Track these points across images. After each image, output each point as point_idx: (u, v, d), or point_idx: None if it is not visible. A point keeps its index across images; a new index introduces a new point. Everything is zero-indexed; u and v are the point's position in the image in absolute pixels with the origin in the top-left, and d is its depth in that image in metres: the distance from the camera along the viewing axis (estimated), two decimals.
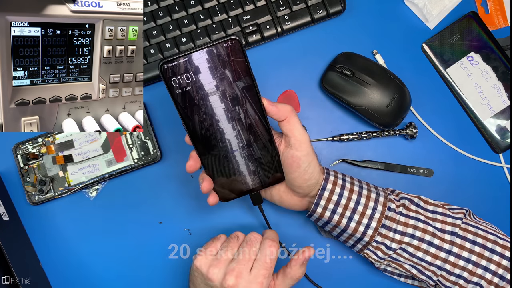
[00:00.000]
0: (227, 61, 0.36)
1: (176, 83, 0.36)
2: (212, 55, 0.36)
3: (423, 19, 0.54)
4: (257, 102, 0.38)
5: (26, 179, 0.51)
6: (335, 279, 0.50)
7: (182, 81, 0.36)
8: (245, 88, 0.38)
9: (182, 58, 0.36)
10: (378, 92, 0.49)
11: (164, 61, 0.36)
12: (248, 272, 0.37)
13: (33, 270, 0.49)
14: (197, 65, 0.36)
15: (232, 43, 0.36)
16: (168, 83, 0.36)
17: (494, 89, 0.52)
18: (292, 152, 0.40)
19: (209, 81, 0.37)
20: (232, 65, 0.36)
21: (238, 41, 0.36)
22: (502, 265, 0.41)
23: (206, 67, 0.36)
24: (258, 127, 0.39)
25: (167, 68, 0.36)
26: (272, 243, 0.38)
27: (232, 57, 0.36)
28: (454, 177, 0.52)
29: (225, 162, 0.40)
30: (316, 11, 0.52)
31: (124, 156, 0.51)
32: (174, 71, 0.36)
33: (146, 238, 0.51)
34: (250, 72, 0.37)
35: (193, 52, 0.36)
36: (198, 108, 0.38)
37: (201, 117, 0.38)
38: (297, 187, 0.42)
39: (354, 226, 0.42)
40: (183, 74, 0.36)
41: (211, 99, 0.37)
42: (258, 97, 0.38)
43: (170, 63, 0.36)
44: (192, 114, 0.38)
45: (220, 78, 0.37)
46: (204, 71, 0.36)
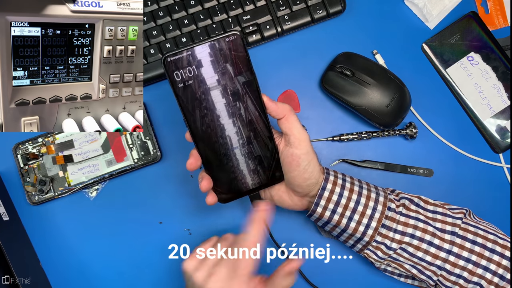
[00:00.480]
0: (228, 55, 0.37)
1: (178, 76, 0.37)
2: (214, 49, 0.37)
3: (423, 19, 0.54)
4: (257, 97, 0.39)
5: (26, 179, 0.51)
6: (335, 279, 0.50)
7: (184, 75, 0.37)
8: (245, 83, 0.38)
9: (185, 52, 0.37)
10: (378, 92, 0.49)
11: (168, 55, 0.36)
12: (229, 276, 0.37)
13: (33, 270, 0.49)
14: (200, 59, 0.37)
15: (234, 37, 0.37)
16: (171, 76, 0.37)
17: (494, 89, 0.52)
18: (292, 151, 0.40)
19: (210, 75, 0.37)
20: (233, 60, 0.37)
21: (240, 36, 0.37)
22: (502, 265, 0.41)
23: (208, 61, 0.37)
24: (258, 123, 0.40)
25: (170, 62, 0.36)
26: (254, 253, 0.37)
27: (233, 52, 0.37)
28: (454, 177, 0.52)
29: (225, 160, 0.40)
30: (316, 11, 0.52)
31: (124, 156, 0.51)
32: (177, 64, 0.37)
33: (146, 238, 0.51)
34: (251, 67, 0.38)
35: (196, 46, 0.36)
36: (199, 102, 0.38)
37: (202, 112, 0.39)
38: (297, 186, 0.42)
39: (354, 226, 0.42)
40: (186, 67, 0.37)
41: (212, 94, 0.38)
42: (258, 92, 0.39)
43: (173, 56, 0.36)
44: (193, 109, 0.38)
45: (222, 72, 0.37)
46: (206, 65, 0.37)
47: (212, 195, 0.42)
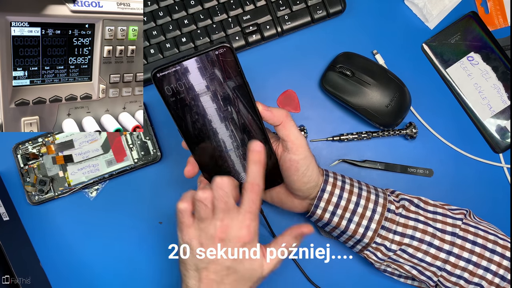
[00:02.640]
0: (219, 68, 0.36)
1: (169, 91, 0.36)
2: (204, 62, 0.36)
3: (423, 19, 0.54)
4: (252, 107, 0.38)
5: (26, 179, 0.51)
6: (335, 279, 0.50)
7: (175, 90, 0.36)
8: (238, 94, 0.37)
9: (174, 67, 0.35)
10: (378, 92, 0.49)
11: (157, 70, 0.35)
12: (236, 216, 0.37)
13: (33, 270, 0.49)
14: (190, 73, 0.36)
15: (224, 50, 0.35)
16: (161, 91, 0.36)
17: (494, 89, 0.52)
18: (290, 156, 0.40)
19: (202, 88, 0.37)
20: (224, 72, 0.36)
21: (230, 47, 0.35)
22: (503, 266, 0.41)
23: (199, 75, 0.36)
24: (254, 132, 0.39)
25: (160, 77, 0.36)
26: (253, 188, 0.37)
27: (224, 64, 0.36)
28: (454, 177, 0.52)
29: (223, 166, 0.40)
30: (316, 11, 0.52)
31: (124, 156, 0.51)
32: (167, 79, 0.36)
33: (146, 238, 0.51)
34: (243, 78, 0.37)
35: (185, 60, 0.35)
36: (192, 115, 0.38)
37: (197, 124, 0.38)
38: (297, 190, 0.42)
39: (354, 228, 0.42)
40: (177, 82, 0.36)
41: (205, 106, 0.37)
42: (253, 102, 0.38)
43: (162, 71, 0.35)
44: (187, 122, 0.38)
45: (213, 85, 0.37)
46: (197, 78, 0.36)
47: None
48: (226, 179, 0.37)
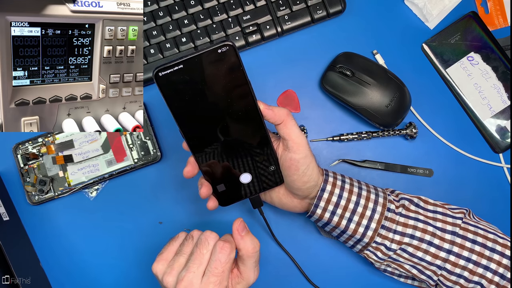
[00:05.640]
0: (222, 66, 0.35)
1: (171, 90, 0.36)
2: (206, 61, 0.35)
3: (423, 19, 0.54)
4: (254, 106, 0.38)
5: (26, 179, 0.51)
6: (335, 279, 0.50)
7: (177, 89, 0.36)
8: (241, 92, 0.37)
9: (177, 66, 0.35)
10: (378, 92, 0.49)
11: (159, 69, 0.35)
12: (199, 280, 0.36)
13: (33, 270, 0.49)
14: (192, 72, 0.35)
15: (227, 48, 0.35)
16: (163, 91, 0.36)
17: (494, 89, 0.52)
18: (290, 155, 0.40)
19: (204, 87, 0.36)
20: (227, 70, 0.36)
21: (233, 46, 0.35)
22: (502, 264, 0.41)
23: (201, 74, 0.35)
24: (255, 131, 0.39)
25: (162, 76, 0.35)
26: (224, 246, 0.37)
27: (227, 63, 0.35)
28: (454, 177, 0.52)
29: (223, 165, 0.40)
30: (316, 11, 0.52)
31: (124, 156, 0.51)
32: (169, 78, 0.35)
33: (146, 238, 0.51)
34: (245, 77, 0.36)
35: (187, 59, 0.35)
36: (194, 114, 0.37)
37: (198, 124, 0.38)
38: (297, 189, 0.42)
39: (354, 227, 0.42)
40: (178, 81, 0.35)
41: (207, 105, 0.37)
42: (254, 101, 0.38)
43: (164, 70, 0.35)
44: (188, 121, 0.37)
45: (216, 83, 0.36)
46: (199, 77, 0.36)
47: (212, 200, 0.42)
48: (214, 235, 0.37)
